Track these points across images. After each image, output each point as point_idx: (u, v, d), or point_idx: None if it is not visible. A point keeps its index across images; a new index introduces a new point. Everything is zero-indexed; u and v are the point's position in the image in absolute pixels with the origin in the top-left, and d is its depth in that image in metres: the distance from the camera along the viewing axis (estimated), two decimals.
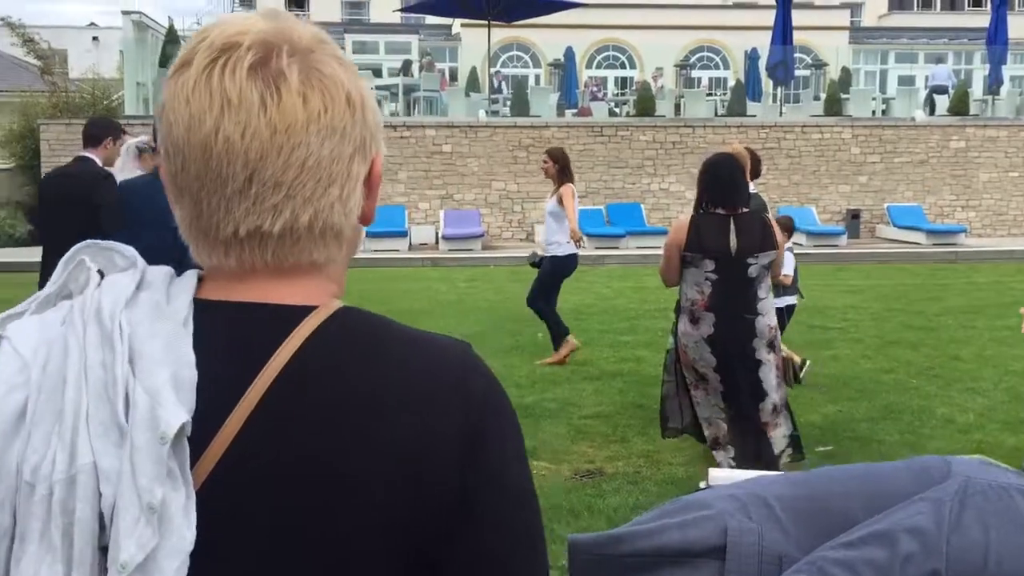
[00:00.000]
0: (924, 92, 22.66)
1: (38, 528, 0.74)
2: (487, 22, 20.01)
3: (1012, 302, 9.34)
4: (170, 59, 19.64)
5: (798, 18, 20.78)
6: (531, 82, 26.62)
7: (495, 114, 20.17)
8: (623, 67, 30.44)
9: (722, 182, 4.65)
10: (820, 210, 18.97)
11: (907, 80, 27.04)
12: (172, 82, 0.84)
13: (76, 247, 0.86)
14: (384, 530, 0.80)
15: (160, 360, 0.77)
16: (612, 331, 8.70)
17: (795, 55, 21.61)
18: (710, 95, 24.26)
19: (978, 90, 24.74)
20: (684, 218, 4.72)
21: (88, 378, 0.76)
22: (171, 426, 0.74)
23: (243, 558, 0.79)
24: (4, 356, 0.80)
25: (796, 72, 22.26)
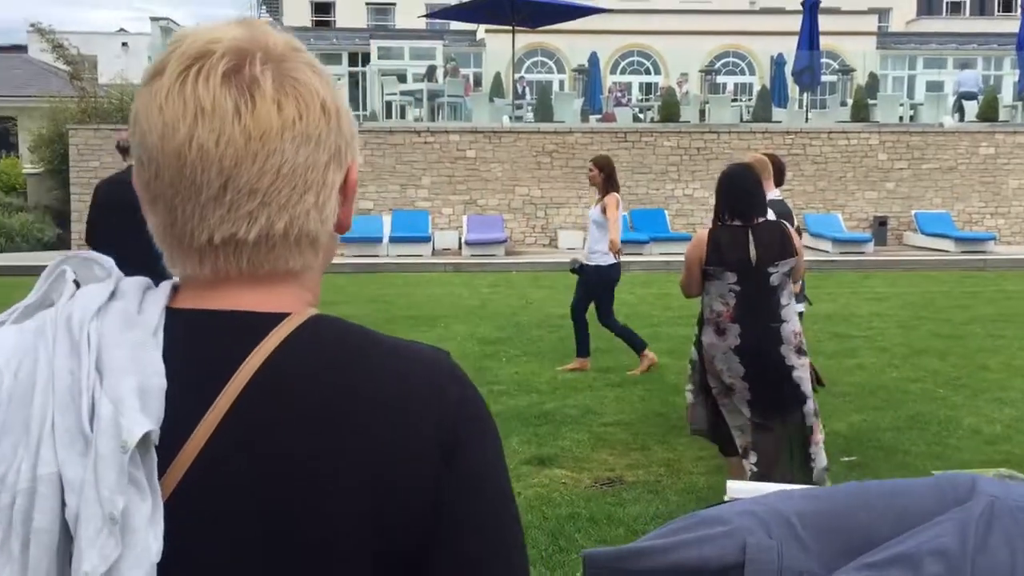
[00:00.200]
0: (953, 98, 22.42)
1: None
2: (511, 28, 20.05)
3: None
4: None
5: (825, 23, 20.64)
6: (555, 88, 26.62)
7: (519, 119, 20.18)
8: (648, 73, 30.36)
9: (738, 194, 4.66)
10: (846, 217, 18.81)
11: (935, 86, 26.79)
12: (145, 90, 0.84)
13: (59, 258, 0.87)
14: (360, 538, 0.79)
15: (127, 369, 0.77)
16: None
17: (822, 60, 21.45)
18: (735, 101, 24.13)
19: (1008, 96, 24.43)
20: (703, 232, 4.73)
21: (55, 387, 0.76)
22: (132, 435, 0.74)
23: (216, 567, 0.78)
24: None
25: (823, 77, 22.10)
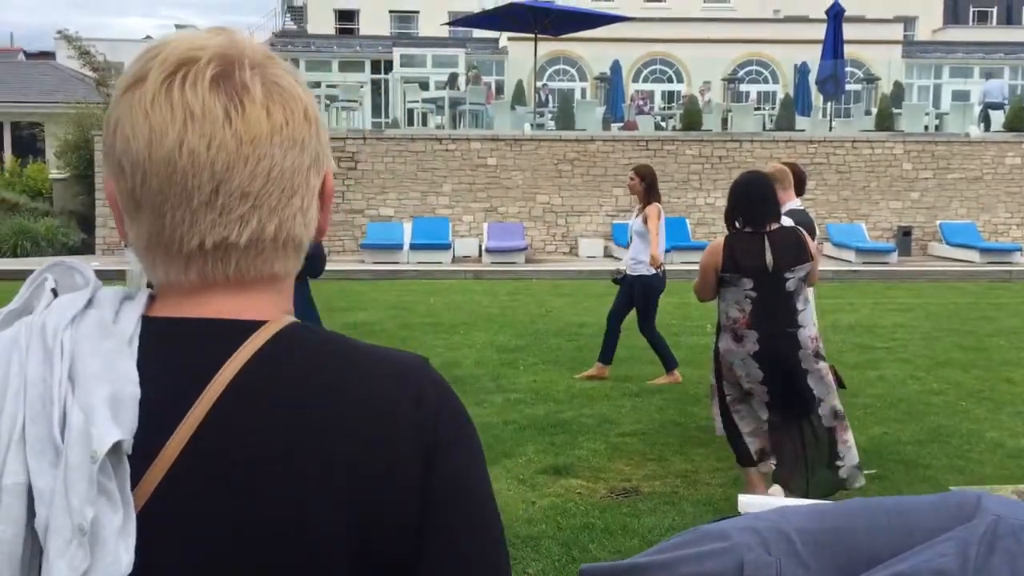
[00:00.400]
0: (979, 107, 22.22)
1: None
2: (534, 36, 20.06)
3: None
4: None
5: (849, 32, 20.50)
6: (577, 96, 26.60)
7: (540, 127, 20.17)
8: (670, 81, 30.29)
9: (751, 201, 4.67)
10: (870, 227, 18.66)
11: (961, 95, 26.57)
12: (126, 98, 0.83)
13: (43, 266, 0.87)
14: (341, 546, 0.79)
15: (99, 377, 0.76)
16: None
17: (846, 69, 21.31)
18: (758, 109, 24.01)
19: None
20: (719, 239, 4.72)
21: (27, 396, 0.76)
22: (102, 444, 0.73)
23: None
24: None
25: (847, 86, 21.95)
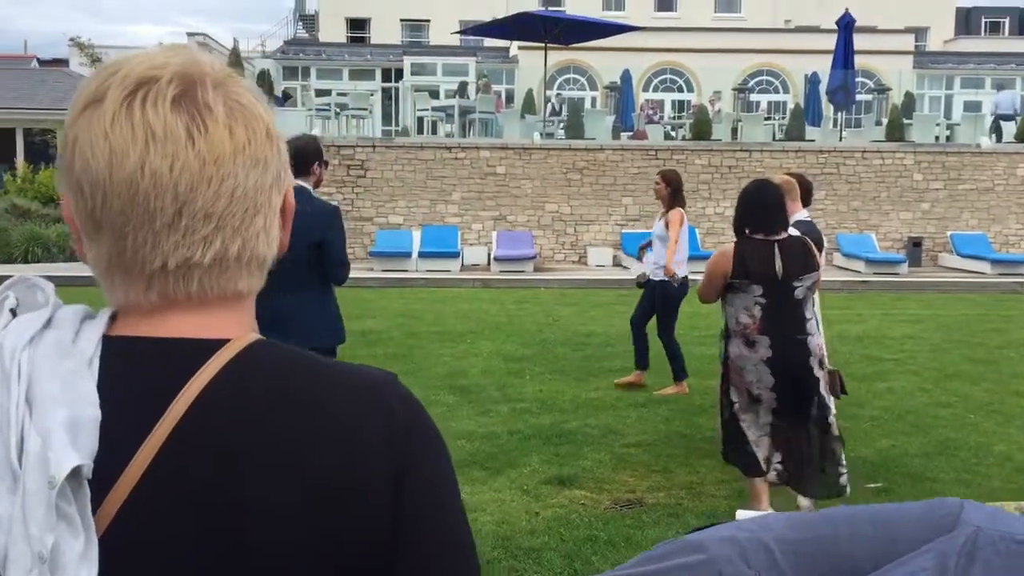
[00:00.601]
0: (990, 118, 22.14)
1: None
2: (544, 45, 20.09)
3: None
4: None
5: (860, 42, 20.48)
6: (587, 104, 26.62)
7: (550, 136, 20.18)
8: (680, 90, 30.29)
9: (765, 208, 4.69)
10: (880, 237, 18.59)
11: (973, 106, 26.48)
12: (84, 116, 0.82)
13: (6, 283, 0.85)
14: (310, 568, 0.78)
15: (58, 400, 0.75)
16: (661, 357, 8.55)
17: (857, 79, 21.28)
18: (768, 119, 23.98)
19: None
20: (728, 246, 4.71)
21: None
22: (60, 470, 0.72)
23: None
24: None
25: (858, 96, 21.91)
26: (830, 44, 20.40)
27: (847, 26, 19.40)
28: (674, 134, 22.67)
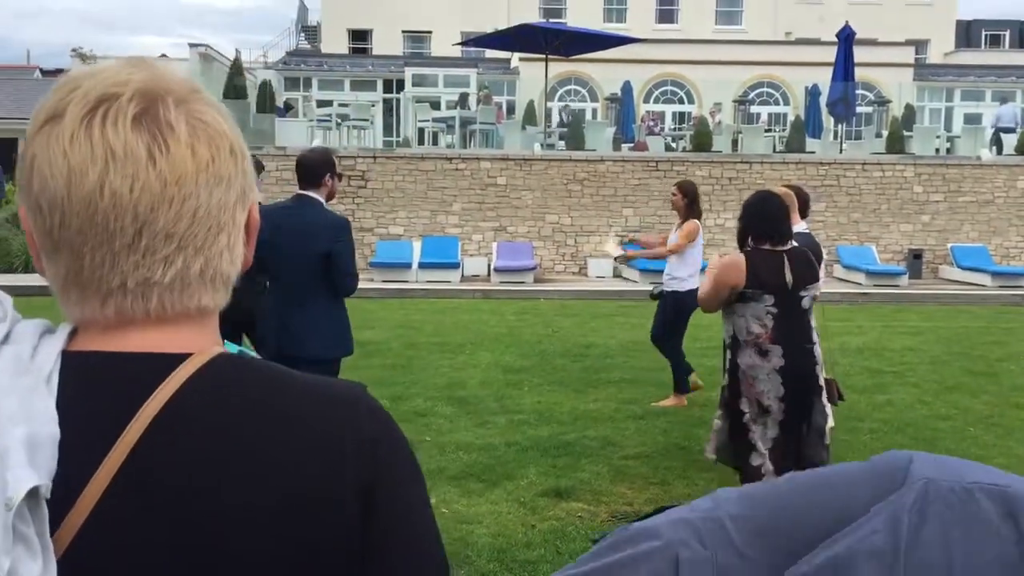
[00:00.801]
0: (990, 131, 22.17)
1: None
2: (545, 56, 20.13)
3: None
4: (238, 90, 19.91)
5: (861, 54, 20.51)
6: (587, 116, 26.66)
7: (550, 147, 20.21)
8: (681, 102, 30.34)
9: (776, 218, 4.75)
10: (880, 249, 18.58)
11: (973, 118, 26.50)
12: (43, 133, 0.80)
13: None
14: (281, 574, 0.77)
15: (15, 418, 0.73)
16: (660, 369, 8.54)
17: (857, 91, 21.30)
18: (769, 131, 24.01)
19: None
20: (738, 257, 4.70)
21: None
22: (17, 491, 0.70)
23: None
24: None
25: (858, 109, 21.94)
26: (830, 56, 20.44)
27: (847, 38, 19.44)
28: (675, 145, 22.70)
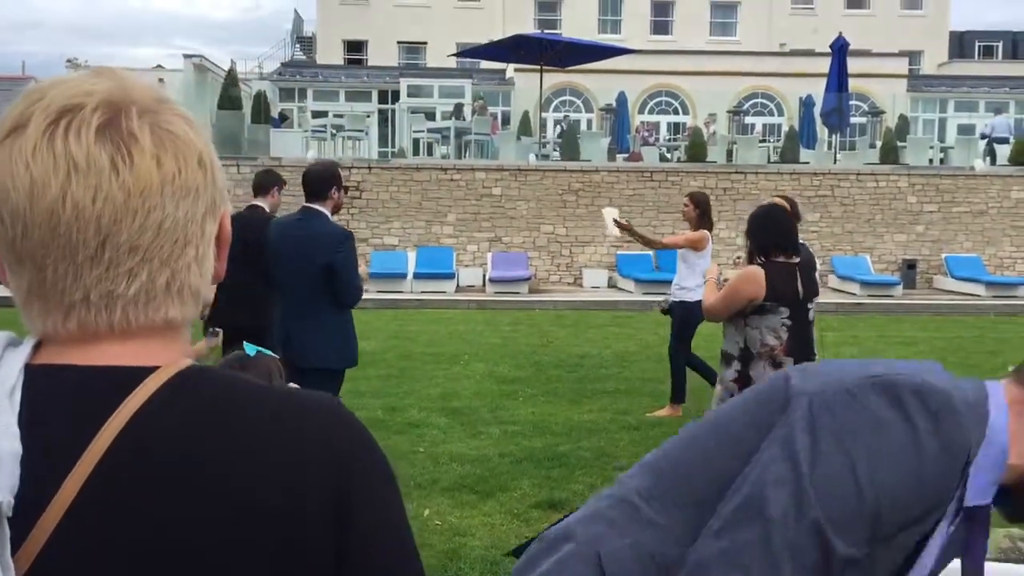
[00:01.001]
0: (983, 141, 22.26)
1: None
2: (540, 67, 20.17)
3: None
4: (233, 100, 19.88)
5: (855, 65, 20.59)
6: (582, 126, 26.71)
7: (545, 158, 20.23)
8: (676, 113, 30.41)
9: (788, 230, 4.82)
10: (875, 259, 18.61)
11: (967, 129, 26.60)
12: (6, 145, 0.79)
13: None
14: None
15: None
16: (655, 379, 8.54)
17: (851, 102, 21.38)
18: (763, 141, 24.07)
19: None
20: (753, 268, 4.69)
21: None
22: None
23: None
24: None
25: (852, 119, 22.01)
26: (824, 67, 20.51)
27: (841, 49, 19.52)
28: (669, 156, 22.74)
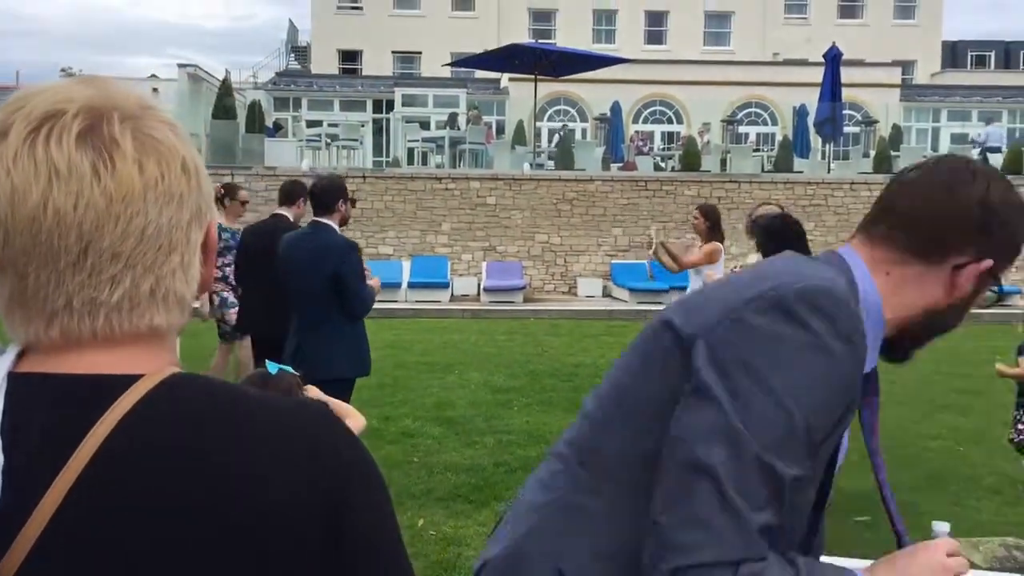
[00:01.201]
0: (976, 151, 22.33)
1: None
2: (534, 77, 20.21)
3: None
4: (227, 110, 19.84)
5: (848, 75, 20.64)
6: (577, 136, 26.74)
7: (540, 167, 20.25)
8: (670, 122, 30.48)
9: (801, 238, 4.84)
10: None
11: (960, 138, 26.70)
12: None
13: None
14: None
15: None
16: None
17: (844, 112, 21.42)
18: (757, 151, 24.12)
19: None
20: None
21: None
22: None
23: None
24: None
25: (845, 129, 22.06)
26: (818, 77, 20.56)
27: (834, 59, 19.57)
28: (663, 165, 22.77)
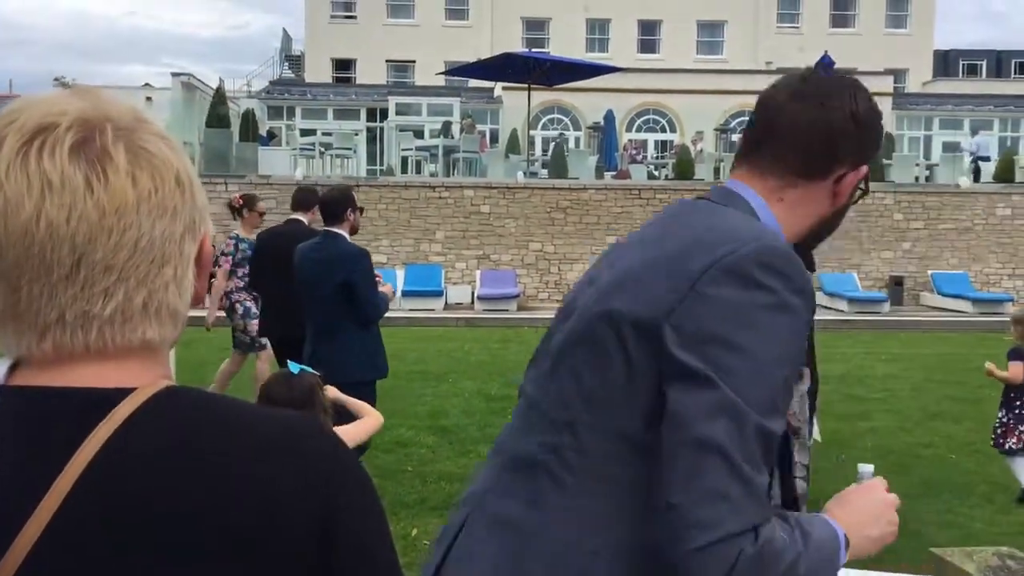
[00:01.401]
0: (968, 158, 22.43)
1: None
2: (528, 85, 20.24)
3: None
4: (221, 118, 19.84)
5: None
6: (570, 144, 26.78)
7: (533, 175, 20.27)
8: (663, 131, 30.54)
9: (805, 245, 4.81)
10: (862, 276, 18.69)
11: (952, 146, 26.79)
12: None
13: None
14: None
15: None
16: None
17: None
18: None
19: None
20: None
21: None
22: None
23: None
24: None
25: None
26: None
27: (826, 68, 19.58)
28: (657, 174, 22.83)
